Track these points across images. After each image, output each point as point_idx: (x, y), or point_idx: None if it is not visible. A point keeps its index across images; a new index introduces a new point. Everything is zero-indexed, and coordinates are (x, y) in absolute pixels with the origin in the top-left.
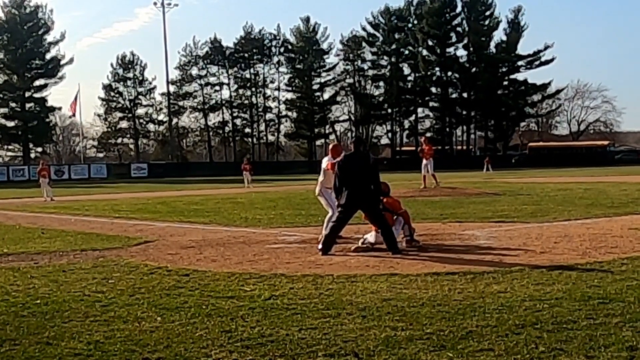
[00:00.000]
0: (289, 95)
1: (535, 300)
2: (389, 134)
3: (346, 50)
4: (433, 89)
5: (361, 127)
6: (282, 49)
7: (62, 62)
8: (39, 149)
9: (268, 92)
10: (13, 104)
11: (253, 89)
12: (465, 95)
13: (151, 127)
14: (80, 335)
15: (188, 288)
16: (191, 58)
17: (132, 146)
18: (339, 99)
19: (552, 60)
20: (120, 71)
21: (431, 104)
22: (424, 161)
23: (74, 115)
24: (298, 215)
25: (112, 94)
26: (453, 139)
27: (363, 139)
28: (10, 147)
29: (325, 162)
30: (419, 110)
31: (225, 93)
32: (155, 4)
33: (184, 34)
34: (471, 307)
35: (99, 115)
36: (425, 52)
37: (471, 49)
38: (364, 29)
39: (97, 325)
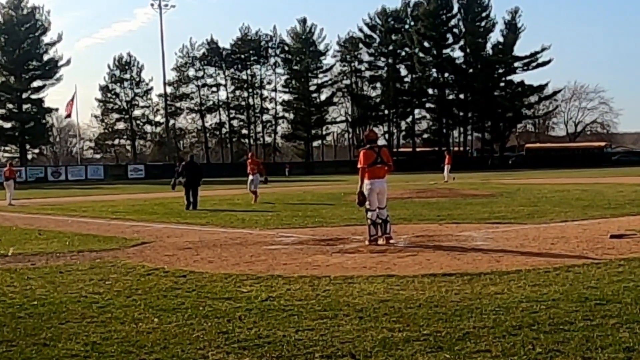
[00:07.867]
0: (286, 97)
1: (532, 302)
2: (386, 135)
3: (343, 52)
4: (430, 90)
5: (358, 128)
6: (278, 50)
7: (59, 64)
8: (36, 150)
9: (265, 93)
10: (10, 105)
11: (250, 90)
12: (462, 96)
13: (148, 128)
14: (77, 336)
15: (185, 289)
16: (188, 59)
17: (129, 147)
18: (335, 100)
19: (549, 61)
20: (117, 72)
21: (428, 105)
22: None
23: (69, 116)
24: (295, 216)
25: (109, 95)
26: (450, 140)
27: (194, 155)
28: (7, 148)
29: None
30: (416, 111)
31: (222, 94)
32: (152, 5)
33: (181, 35)
34: (468, 308)
35: (95, 117)
36: (421, 54)
37: (468, 50)
38: (360, 30)
39: (94, 326)
